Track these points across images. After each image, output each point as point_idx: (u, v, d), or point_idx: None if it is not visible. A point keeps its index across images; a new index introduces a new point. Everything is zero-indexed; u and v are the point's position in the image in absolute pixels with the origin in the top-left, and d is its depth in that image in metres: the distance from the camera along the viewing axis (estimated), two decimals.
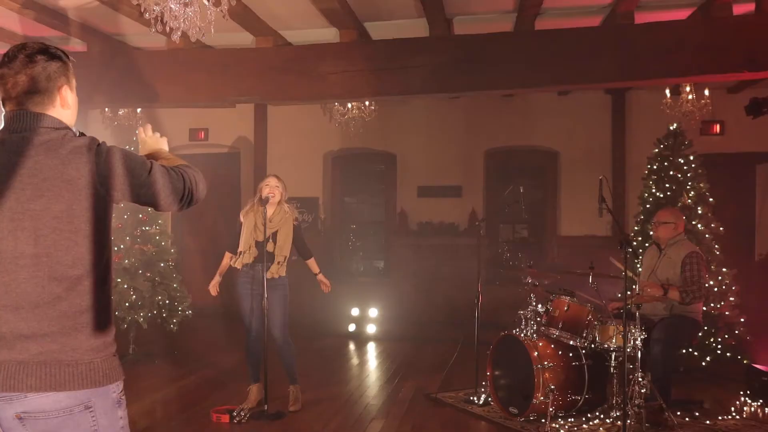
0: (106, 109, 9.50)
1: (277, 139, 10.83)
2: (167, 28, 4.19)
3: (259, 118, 10.75)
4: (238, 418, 5.40)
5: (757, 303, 7.47)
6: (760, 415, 5.68)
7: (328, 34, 7.06)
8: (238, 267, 5.65)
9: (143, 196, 2.15)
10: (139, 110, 9.66)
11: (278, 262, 5.61)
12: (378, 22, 6.95)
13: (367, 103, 9.10)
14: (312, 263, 5.91)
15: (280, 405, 5.71)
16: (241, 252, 5.63)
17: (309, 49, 6.81)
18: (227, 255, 5.83)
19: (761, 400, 5.87)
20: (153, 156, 2.46)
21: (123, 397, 2.15)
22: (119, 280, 7.47)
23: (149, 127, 2.64)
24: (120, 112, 9.60)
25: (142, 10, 4.31)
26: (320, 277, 5.92)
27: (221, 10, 4.31)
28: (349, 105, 9.15)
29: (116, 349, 2.18)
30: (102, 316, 2.10)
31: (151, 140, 2.59)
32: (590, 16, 6.67)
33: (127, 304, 7.41)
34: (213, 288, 5.78)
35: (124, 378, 2.17)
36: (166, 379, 6.83)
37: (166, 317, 7.71)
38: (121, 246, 7.58)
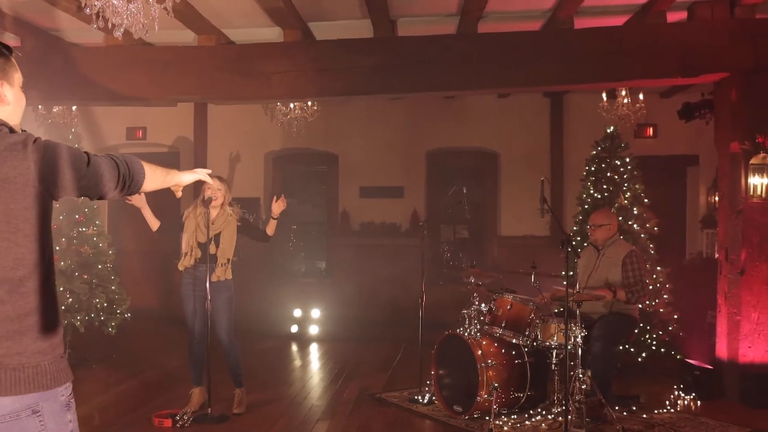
0: (40, 106, 9.20)
1: (218, 139, 10.68)
2: (110, 25, 4.09)
3: (199, 117, 10.56)
4: (181, 422, 5.32)
5: (689, 300, 7.74)
6: (693, 408, 5.91)
7: (272, 33, 7.00)
8: (181, 269, 5.58)
9: (84, 188, 2.09)
10: (74, 108, 9.39)
11: (222, 264, 5.55)
12: (322, 23, 6.92)
13: (309, 103, 9.07)
14: (270, 227, 5.74)
15: (224, 408, 5.65)
16: (184, 253, 5.56)
17: (253, 49, 6.73)
18: (158, 225, 5.57)
19: (694, 394, 6.11)
20: None
21: (72, 400, 2.10)
22: None
23: None
24: (54, 110, 9.31)
25: (83, 5, 4.19)
26: (273, 212, 5.68)
27: (165, 8, 4.23)
28: (292, 105, 9.10)
29: (64, 350, 2.12)
30: (47, 317, 2.04)
31: None
32: (531, 21, 6.79)
33: (63, 307, 7.20)
34: (137, 197, 5.29)
35: (72, 379, 2.12)
36: (105, 384, 6.65)
37: (104, 320, 7.52)
38: (57, 248, 7.36)
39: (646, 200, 7.36)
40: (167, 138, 11.05)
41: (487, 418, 5.36)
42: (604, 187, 7.37)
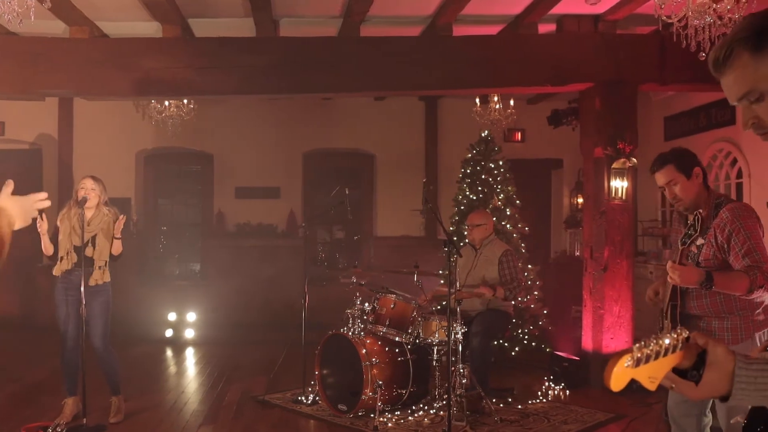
0: None
1: (85, 136, 10.17)
2: None
3: (63, 112, 10.04)
4: None
5: (555, 296, 8.22)
6: (563, 397, 6.28)
7: (150, 28, 6.77)
8: (57, 274, 5.30)
9: None
10: None
11: (99, 267, 5.32)
12: (203, 19, 6.78)
13: (185, 101, 8.83)
14: (114, 246, 5.39)
15: (100, 417, 5.42)
16: (60, 258, 5.28)
17: (129, 43, 6.47)
18: (52, 250, 5.32)
19: (563, 384, 6.49)
20: None
21: None
22: None
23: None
24: None
25: None
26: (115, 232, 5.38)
27: None
28: (167, 103, 8.83)
29: None
30: None
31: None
32: (412, 26, 6.95)
33: None
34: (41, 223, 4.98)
35: None
36: None
37: None
38: None
39: (518, 202, 7.73)
40: (28, 134, 10.37)
41: (371, 415, 5.45)
42: (479, 189, 7.67)
